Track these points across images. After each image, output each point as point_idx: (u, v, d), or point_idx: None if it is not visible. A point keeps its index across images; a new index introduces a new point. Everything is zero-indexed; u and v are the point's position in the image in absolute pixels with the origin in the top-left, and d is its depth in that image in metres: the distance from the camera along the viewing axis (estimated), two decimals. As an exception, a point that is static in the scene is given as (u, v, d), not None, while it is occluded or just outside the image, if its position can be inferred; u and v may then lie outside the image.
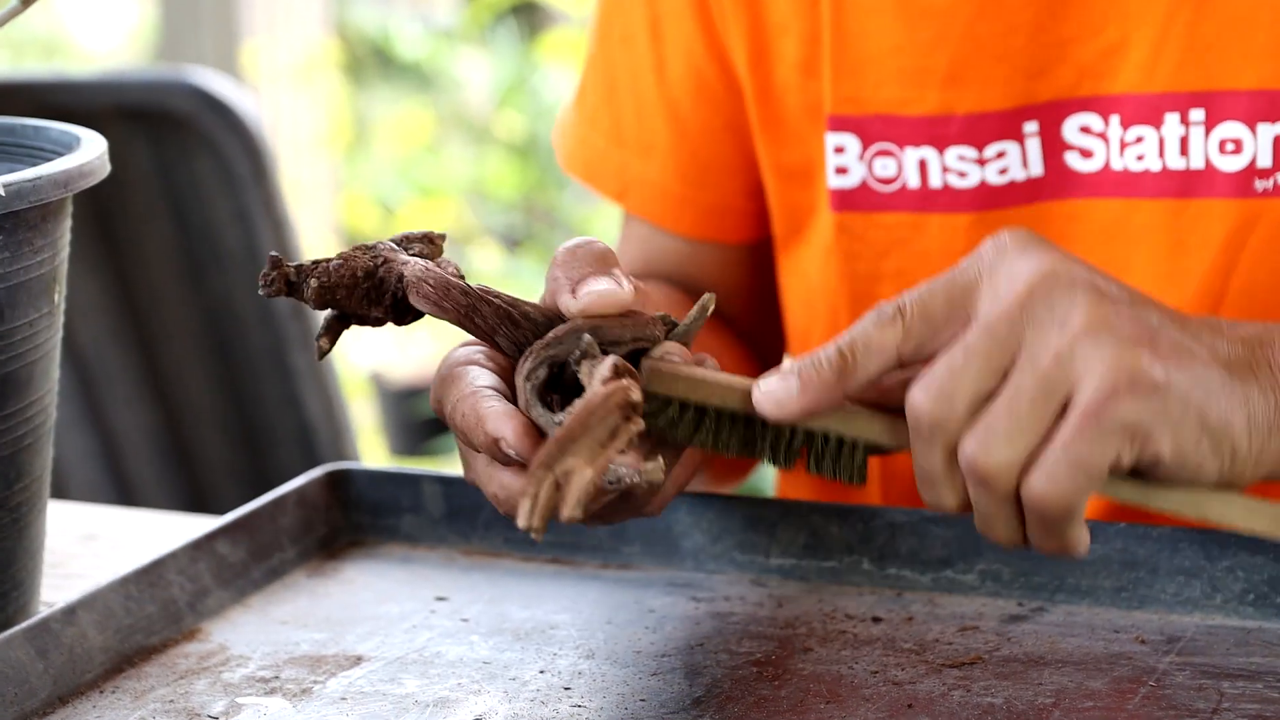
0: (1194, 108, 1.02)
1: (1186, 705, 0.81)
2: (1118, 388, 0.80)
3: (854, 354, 0.83)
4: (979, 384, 0.81)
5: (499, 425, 0.83)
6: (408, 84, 4.60)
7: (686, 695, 0.84)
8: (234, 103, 2.10)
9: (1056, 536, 0.83)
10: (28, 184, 0.86)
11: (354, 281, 0.87)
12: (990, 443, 0.81)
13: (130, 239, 2.16)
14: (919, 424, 0.82)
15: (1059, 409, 0.81)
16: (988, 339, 0.81)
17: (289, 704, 0.84)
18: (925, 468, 0.83)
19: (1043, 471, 0.80)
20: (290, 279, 0.86)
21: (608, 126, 1.18)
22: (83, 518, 1.14)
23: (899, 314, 0.83)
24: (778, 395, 0.84)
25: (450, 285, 0.86)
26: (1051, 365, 0.80)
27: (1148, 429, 0.81)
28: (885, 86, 1.07)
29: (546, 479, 0.78)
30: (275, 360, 2.15)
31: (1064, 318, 0.81)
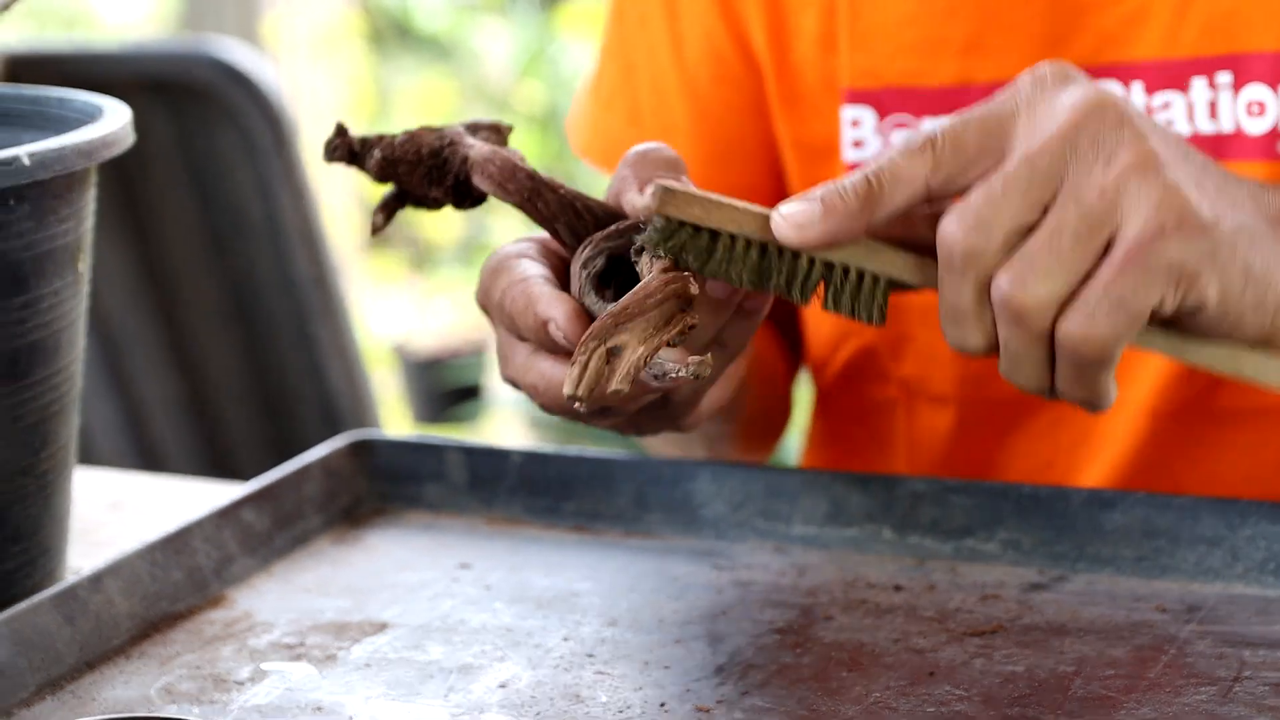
0: (1220, 70, 1.01)
1: (1207, 674, 0.81)
2: (1165, 226, 0.77)
3: (881, 183, 0.80)
4: (1018, 216, 0.78)
5: (550, 307, 0.82)
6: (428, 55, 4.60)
7: (709, 663, 0.84)
8: (255, 74, 2.11)
9: (1086, 383, 0.80)
10: (52, 154, 0.87)
11: (418, 158, 0.86)
12: (1028, 277, 0.78)
13: (153, 209, 2.17)
14: (951, 255, 0.79)
15: (1102, 247, 0.78)
16: (1029, 170, 0.78)
17: (314, 670, 0.85)
18: (953, 303, 0.80)
19: (1082, 310, 0.78)
20: (354, 149, 0.86)
21: (625, 109, 1.17)
22: (109, 485, 1.14)
23: (929, 144, 0.80)
24: (799, 219, 0.80)
25: (516, 168, 0.85)
26: (1096, 201, 0.78)
27: (1194, 271, 0.78)
28: (901, 58, 1.06)
29: (598, 350, 0.77)
30: (298, 329, 2.16)
31: (1110, 153, 0.78)
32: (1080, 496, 0.93)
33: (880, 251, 0.82)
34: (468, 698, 0.82)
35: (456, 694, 0.82)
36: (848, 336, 1.13)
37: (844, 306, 0.83)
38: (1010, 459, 1.11)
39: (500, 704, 0.81)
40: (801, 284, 0.83)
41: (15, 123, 0.98)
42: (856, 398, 1.15)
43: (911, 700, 0.80)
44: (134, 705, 0.82)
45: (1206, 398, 1.05)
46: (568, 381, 0.77)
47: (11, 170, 0.85)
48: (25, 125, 0.98)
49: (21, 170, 0.85)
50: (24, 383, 0.89)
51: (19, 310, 0.88)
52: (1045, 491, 0.93)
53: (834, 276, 0.83)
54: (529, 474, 1.01)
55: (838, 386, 1.15)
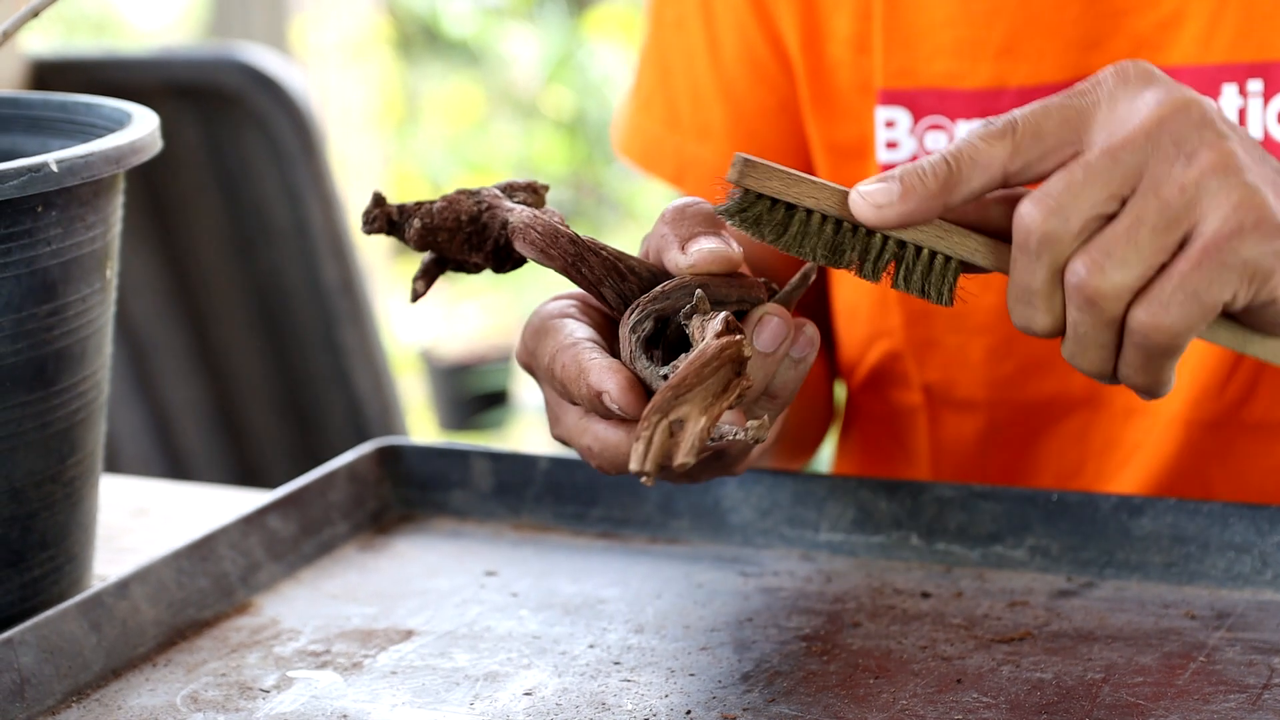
0: (1252, 78, 1.01)
1: (1236, 681, 0.81)
2: (1243, 226, 0.79)
3: (960, 165, 0.81)
4: (1097, 205, 0.80)
5: (603, 378, 0.82)
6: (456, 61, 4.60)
7: (735, 670, 0.84)
8: (283, 80, 2.11)
9: (1151, 371, 0.82)
10: (80, 160, 0.87)
11: (457, 225, 0.86)
12: (1105, 264, 0.79)
13: (181, 215, 2.17)
14: (1028, 237, 0.81)
15: (1178, 241, 0.80)
16: (1110, 162, 0.80)
17: (340, 677, 0.85)
18: (1025, 284, 0.82)
19: (1156, 299, 0.80)
20: (393, 218, 0.85)
21: (663, 111, 1.18)
22: (135, 492, 1.15)
23: (1010, 129, 0.82)
24: (878, 199, 0.82)
25: (559, 233, 0.85)
26: (1176, 196, 0.79)
27: (1268, 269, 0.80)
28: (938, 59, 1.06)
29: (661, 424, 0.78)
30: (325, 336, 2.16)
31: (1191, 152, 0.80)
32: (1109, 503, 0.93)
33: (953, 233, 0.83)
34: (493, 705, 0.82)
35: (482, 701, 0.82)
36: (874, 341, 1.12)
37: (914, 285, 0.84)
38: (1038, 465, 1.11)
39: (526, 711, 0.81)
40: (874, 262, 0.84)
41: (44, 129, 0.98)
42: (882, 404, 1.15)
43: (939, 708, 0.80)
44: (160, 713, 0.82)
45: (1240, 409, 1.05)
46: (634, 458, 0.78)
47: (40, 177, 0.85)
48: (54, 132, 0.98)
49: (50, 177, 0.85)
50: (51, 390, 0.89)
51: (47, 317, 0.88)
52: (1074, 497, 0.93)
53: (906, 255, 0.84)
54: (555, 480, 1.01)
55: (864, 392, 1.15)
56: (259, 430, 2.23)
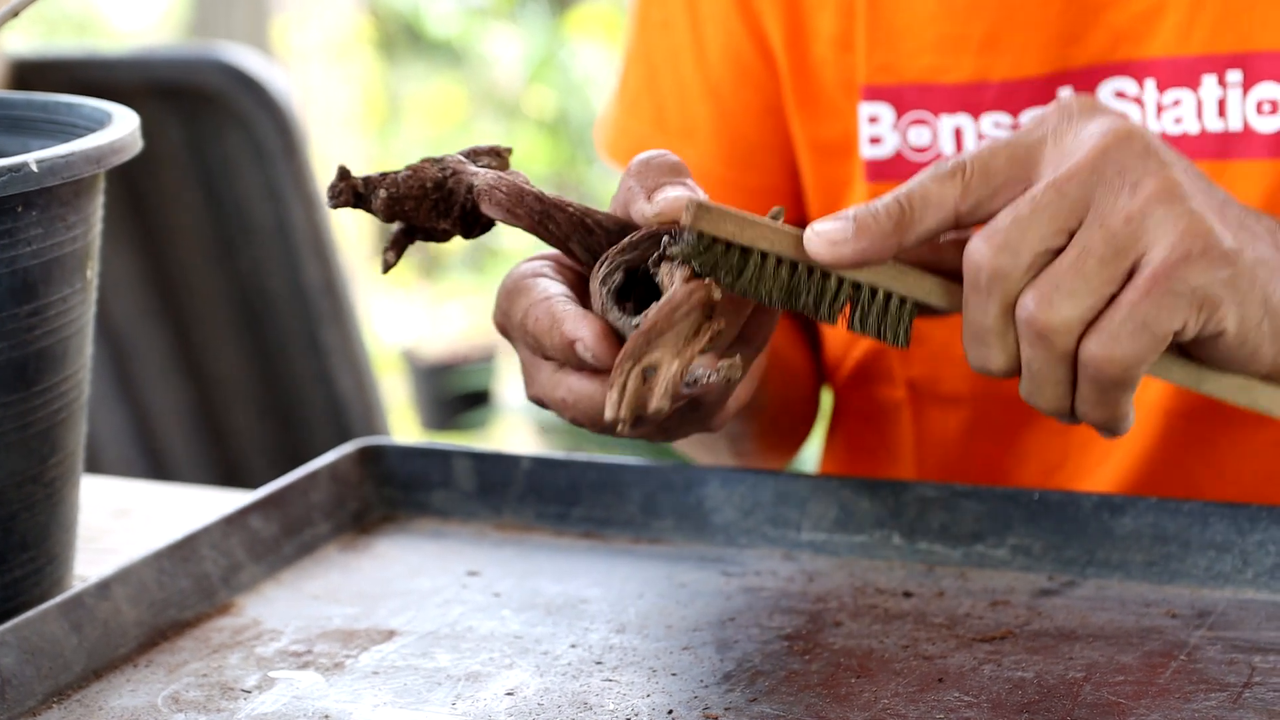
0: (1231, 69, 1.01)
1: (1218, 679, 0.81)
2: (1191, 253, 0.79)
3: (912, 205, 0.82)
4: (1045, 240, 0.80)
5: (576, 327, 0.82)
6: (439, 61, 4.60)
7: (717, 669, 0.84)
8: (265, 79, 2.11)
9: (1108, 405, 0.82)
10: (60, 160, 0.87)
11: (423, 192, 0.86)
12: (1053, 297, 0.80)
13: (162, 215, 2.17)
14: (978, 275, 0.81)
15: (1127, 271, 0.80)
16: (1056, 196, 0.80)
17: (321, 678, 0.85)
18: (978, 323, 0.82)
19: (1106, 331, 0.80)
20: (358, 190, 0.85)
21: (649, 113, 1.18)
22: (116, 493, 1.14)
23: (959, 170, 0.82)
24: (832, 237, 0.82)
25: (524, 192, 0.86)
26: (1122, 226, 0.80)
27: (1217, 298, 0.80)
28: (921, 54, 1.06)
29: (634, 371, 0.78)
30: (307, 336, 2.16)
31: (1136, 181, 0.80)
32: (1090, 501, 0.93)
33: (908, 274, 0.84)
34: (475, 705, 0.82)
35: (464, 701, 0.82)
36: (859, 338, 1.13)
37: (870, 327, 0.84)
38: (1020, 460, 1.11)
39: (508, 711, 0.81)
40: (830, 303, 0.84)
41: (24, 129, 0.98)
42: (867, 400, 1.15)
43: (920, 707, 0.80)
44: (141, 713, 0.82)
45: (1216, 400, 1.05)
46: (608, 406, 0.78)
47: (20, 177, 0.85)
48: (34, 132, 0.98)
49: (30, 177, 0.85)
50: (32, 390, 0.89)
51: (27, 317, 0.88)
52: (1055, 496, 0.93)
53: (861, 297, 0.84)
54: (538, 480, 1.01)
55: (849, 387, 1.15)
56: (240, 430, 2.23)
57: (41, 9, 3.93)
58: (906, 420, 1.13)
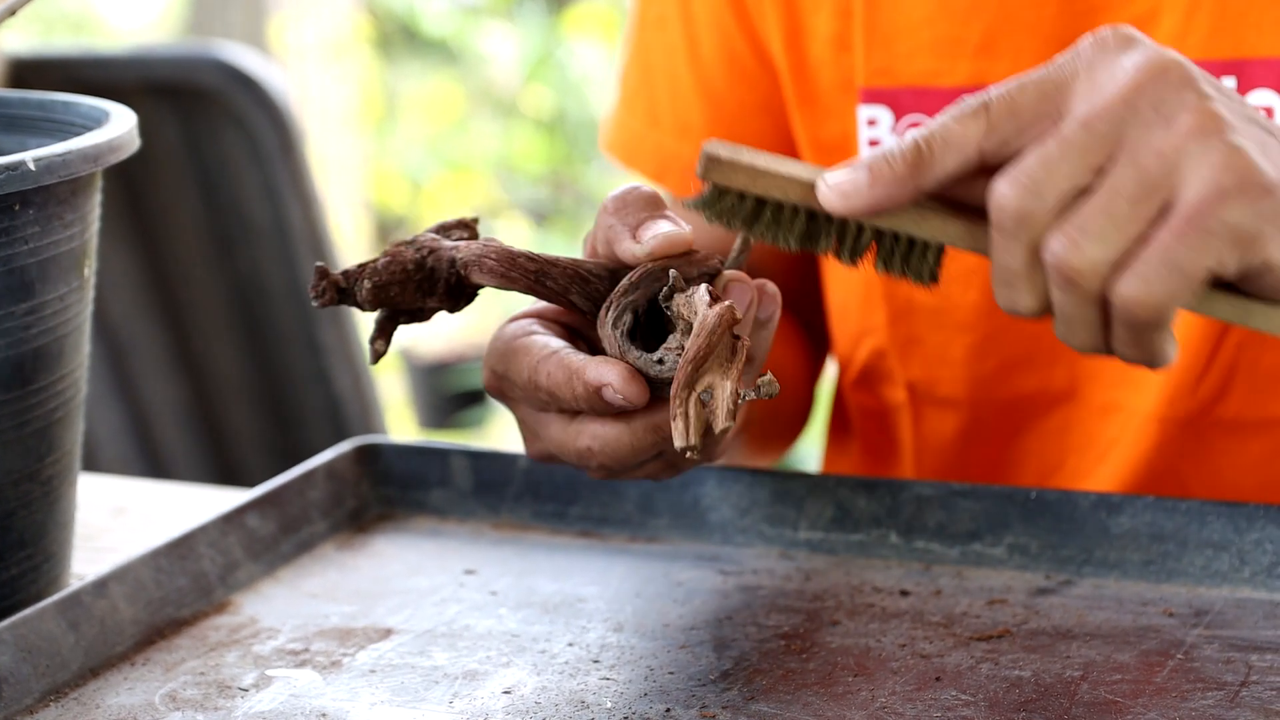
0: (1226, 75, 1.01)
1: (1214, 678, 0.81)
2: (1226, 189, 0.76)
3: (931, 147, 0.79)
4: (1072, 179, 0.77)
5: (600, 373, 0.82)
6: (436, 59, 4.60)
7: (714, 668, 0.84)
8: (262, 78, 2.11)
9: (1143, 345, 0.79)
10: (58, 159, 0.87)
11: (405, 275, 0.86)
12: (1080, 240, 0.77)
13: (159, 214, 2.17)
14: (1002, 217, 0.78)
15: (1158, 210, 0.77)
16: (1085, 133, 0.77)
17: (319, 676, 0.85)
18: (1005, 265, 0.79)
19: (1136, 273, 0.77)
20: (341, 286, 0.86)
21: (644, 108, 1.18)
22: (113, 491, 1.14)
23: (984, 108, 0.79)
24: (844, 188, 0.80)
25: (514, 254, 0.86)
26: (1154, 163, 0.76)
27: (1255, 233, 0.77)
28: (918, 58, 1.06)
29: (692, 398, 0.79)
30: (304, 334, 2.16)
31: (1171, 115, 0.77)
32: (1087, 500, 0.93)
33: (931, 216, 0.81)
34: (473, 704, 0.82)
35: (461, 700, 0.82)
36: (863, 338, 1.13)
37: (895, 269, 0.83)
38: (1017, 462, 1.11)
39: (505, 710, 0.81)
40: (851, 248, 0.82)
41: (22, 128, 0.98)
42: (872, 400, 1.15)
43: (918, 705, 0.80)
44: (138, 712, 0.82)
45: (1213, 407, 1.05)
46: (677, 435, 0.79)
47: (17, 175, 0.85)
48: (31, 130, 0.98)
49: (27, 175, 0.85)
50: (29, 389, 0.89)
51: (24, 316, 0.88)
52: (1052, 495, 0.93)
53: (884, 240, 0.82)
54: (535, 479, 1.01)
55: (856, 389, 1.15)
56: (238, 429, 2.23)
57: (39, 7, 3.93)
58: (906, 422, 1.13)
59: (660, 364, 0.83)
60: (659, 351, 0.83)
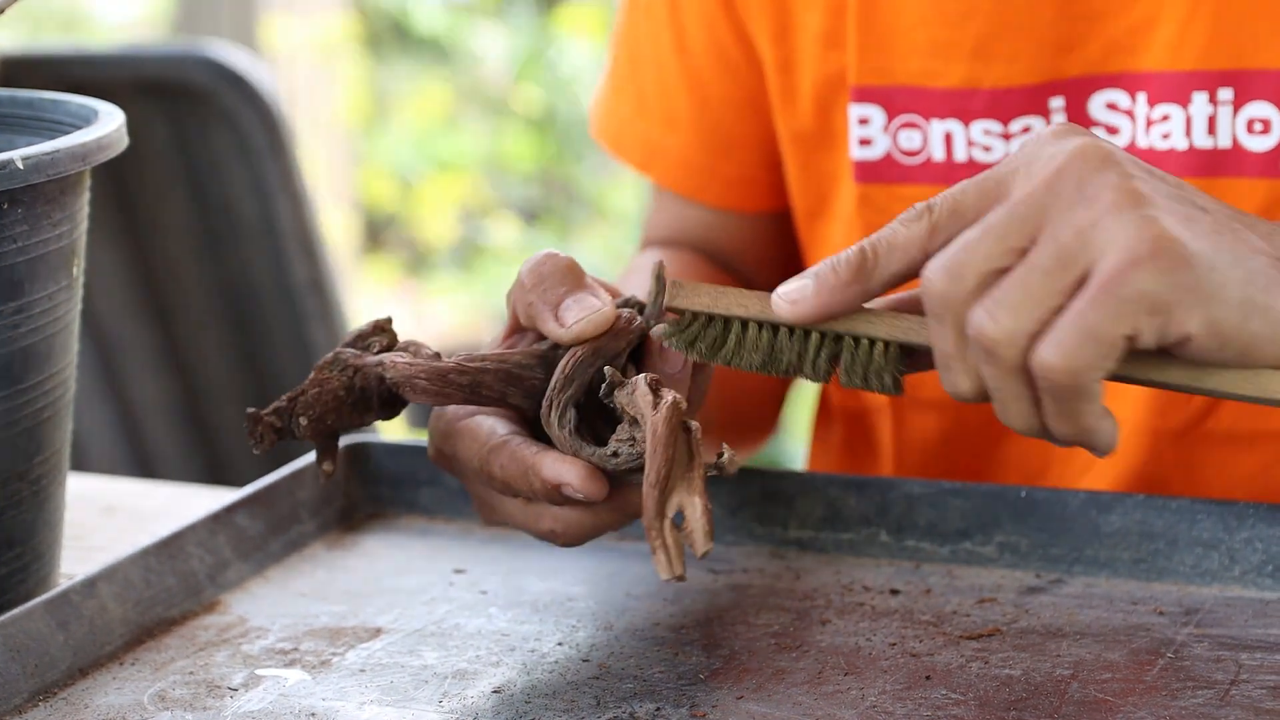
0: (1222, 86, 1.01)
1: (1205, 677, 0.81)
2: (1139, 258, 0.77)
3: (876, 252, 0.82)
4: (991, 260, 0.79)
5: (560, 472, 0.84)
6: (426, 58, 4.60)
7: (704, 667, 0.84)
8: (251, 76, 2.10)
9: (1071, 418, 0.80)
10: (46, 157, 0.86)
11: (338, 401, 0.87)
12: (996, 311, 0.78)
13: (148, 212, 2.17)
14: (930, 301, 0.80)
15: (1075, 283, 0.78)
16: (1007, 216, 0.79)
17: (308, 676, 0.85)
18: (940, 349, 0.81)
19: (1052, 341, 0.78)
20: (276, 426, 0.87)
21: (632, 97, 1.19)
22: (102, 490, 1.14)
23: (927, 210, 0.82)
24: (793, 295, 0.83)
25: (444, 371, 0.86)
26: (1072, 239, 0.78)
27: (1171, 302, 0.77)
28: (913, 58, 1.06)
29: (665, 525, 0.80)
30: (294, 333, 2.16)
31: (1093, 195, 0.78)
32: (1077, 499, 0.93)
33: (881, 317, 0.84)
34: (462, 703, 0.82)
35: (451, 699, 0.82)
36: None
37: (858, 378, 0.85)
38: (1000, 469, 1.11)
39: (495, 709, 0.81)
40: (813, 361, 0.85)
41: (10, 126, 0.98)
42: (851, 398, 1.15)
43: (908, 704, 0.80)
44: (127, 711, 0.82)
45: (1205, 419, 1.05)
46: (660, 569, 0.80)
47: (6, 174, 0.85)
48: (20, 129, 0.97)
49: (15, 174, 0.85)
50: (18, 388, 0.89)
51: (13, 315, 0.88)
52: (1042, 494, 0.93)
53: (844, 349, 0.85)
54: (524, 478, 1.01)
55: (837, 388, 1.15)
56: (227, 428, 2.22)
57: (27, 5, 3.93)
58: (886, 424, 1.13)
59: (615, 457, 0.84)
60: (611, 444, 0.84)
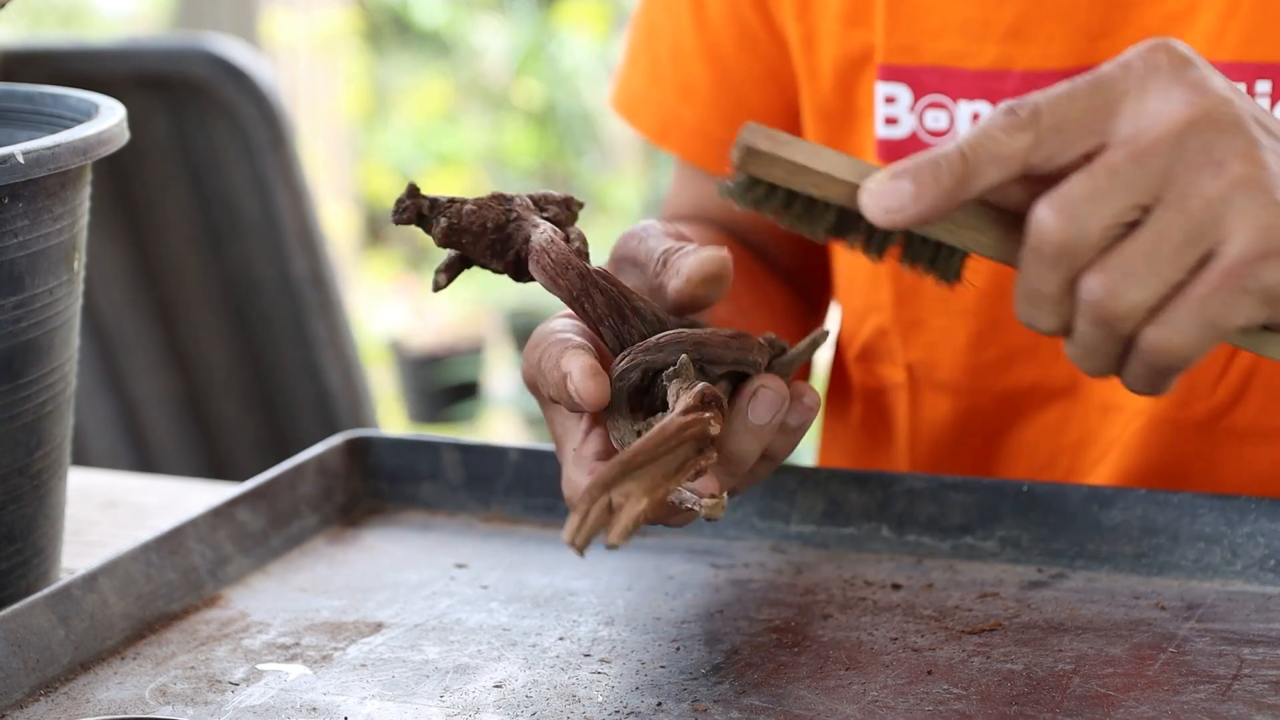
0: (1260, 79, 1.00)
1: (1206, 671, 0.81)
2: (1268, 250, 0.76)
3: (978, 158, 0.77)
4: (1118, 214, 0.76)
5: (570, 361, 0.81)
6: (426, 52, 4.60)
7: (706, 662, 0.84)
8: (252, 70, 2.10)
9: (1155, 381, 0.79)
10: (47, 152, 0.86)
11: (482, 230, 0.86)
12: (1122, 284, 0.76)
13: (149, 206, 2.17)
14: (1043, 244, 0.77)
15: (1200, 259, 0.76)
16: (1135, 167, 0.76)
17: (309, 670, 0.85)
18: (1036, 289, 0.78)
19: (1169, 323, 0.76)
20: (423, 212, 0.85)
21: (646, 66, 1.19)
22: (103, 485, 1.14)
23: (1034, 118, 0.77)
24: (889, 202, 0.78)
25: (569, 264, 0.85)
26: (1201, 210, 0.76)
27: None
28: (944, 38, 1.05)
29: (600, 500, 0.75)
30: (294, 327, 2.16)
31: (1221, 161, 0.76)
32: (1079, 493, 0.93)
33: (964, 224, 0.80)
34: (463, 698, 0.82)
35: (452, 694, 0.82)
36: (867, 315, 1.12)
37: (921, 267, 0.81)
38: (1012, 455, 1.11)
39: (496, 704, 0.81)
40: (879, 245, 0.81)
41: (10, 121, 0.98)
42: (872, 378, 1.14)
43: (909, 699, 0.80)
44: (128, 706, 0.82)
45: (1227, 413, 1.04)
46: (567, 529, 0.75)
47: (6, 168, 0.85)
48: (20, 123, 0.97)
49: (16, 168, 0.85)
50: (18, 382, 0.89)
51: (13, 309, 0.88)
52: (1044, 488, 0.93)
53: (913, 240, 0.81)
54: (526, 472, 1.01)
55: (857, 364, 1.15)
56: (228, 422, 2.23)
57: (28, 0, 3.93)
58: (903, 403, 1.12)
59: (636, 435, 0.81)
60: (640, 424, 0.82)
